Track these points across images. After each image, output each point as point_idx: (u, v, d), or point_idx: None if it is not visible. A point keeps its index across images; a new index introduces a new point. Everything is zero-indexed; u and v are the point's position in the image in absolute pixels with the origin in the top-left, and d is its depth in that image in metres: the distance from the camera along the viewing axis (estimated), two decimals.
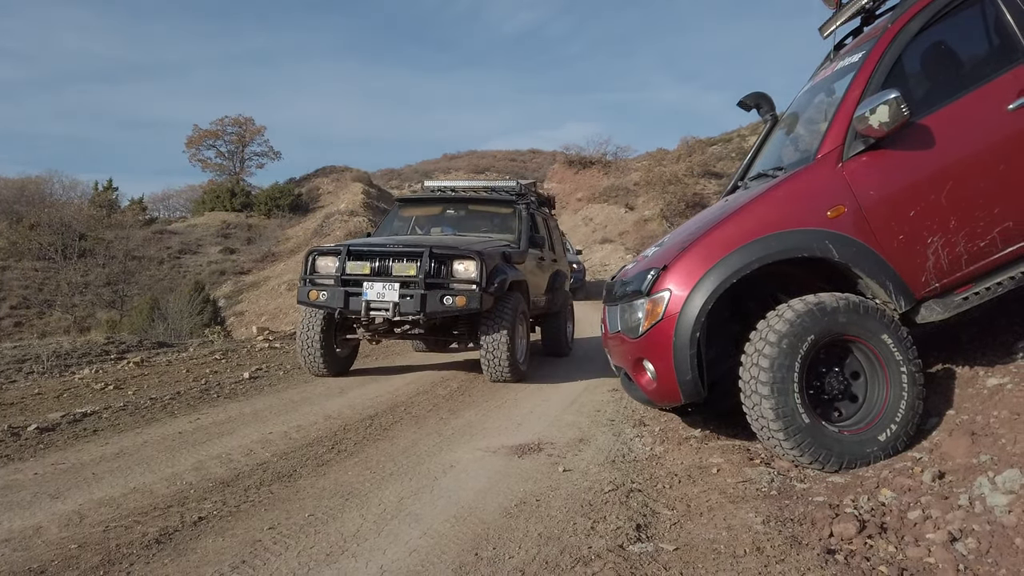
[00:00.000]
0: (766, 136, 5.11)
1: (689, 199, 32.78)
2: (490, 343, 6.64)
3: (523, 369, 7.05)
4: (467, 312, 6.52)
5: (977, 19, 3.92)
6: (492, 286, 6.55)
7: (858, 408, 3.63)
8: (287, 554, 2.77)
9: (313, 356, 7.14)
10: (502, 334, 6.60)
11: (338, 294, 6.63)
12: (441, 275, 6.53)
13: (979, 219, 3.59)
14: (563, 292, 9.57)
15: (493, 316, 6.69)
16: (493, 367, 6.68)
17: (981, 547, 2.50)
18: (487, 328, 6.65)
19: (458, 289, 6.47)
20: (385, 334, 7.15)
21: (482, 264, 6.48)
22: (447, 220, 8.72)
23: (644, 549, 2.75)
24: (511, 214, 8.47)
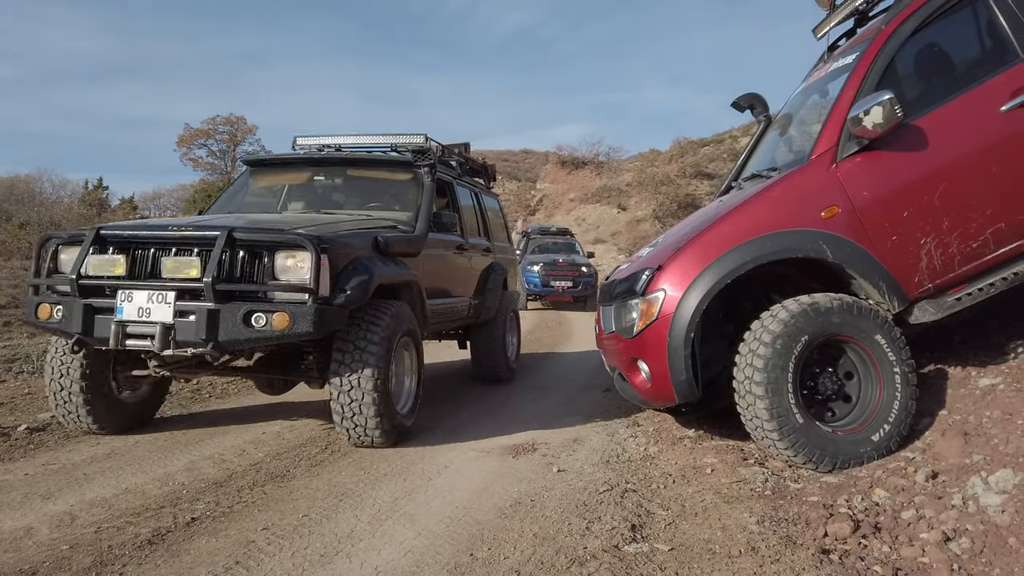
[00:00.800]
0: (760, 137, 5.13)
1: (681, 200, 32.83)
2: (343, 387, 4.12)
3: (407, 424, 4.59)
4: (292, 339, 3.92)
5: (970, 21, 3.94)
6: (342, 294, 4.04)
7: (852, 408, 3.65)
8: (281, 555, 2.75)
9: (72, 407, 4.51)
10: (363, 373, 4.09)
11: (76, 310, 4.04)
12: (250, 277, 3.98)
13: (972, 220, 3.60)
14: (501, 294, 7.24)
15: (348, 343, 4.18)
16: (351, 423, 4.17)
17: (975, 547, 2.51)
18: (339, 363, 4.16)
19: (279, 301, 3.95)
20: (195, 370, 4.62)
21: (319, 257, 3.90)
22: (317, 191, 6.11)
23: (639, 549, 2.75)
24: (410, 182, 5.82)
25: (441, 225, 5.62)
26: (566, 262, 17.25)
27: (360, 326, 4.25)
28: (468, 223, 6.77)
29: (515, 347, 7.80)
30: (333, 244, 4.12)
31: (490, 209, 7.81)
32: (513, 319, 7.72)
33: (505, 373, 7.03)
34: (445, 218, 5.64)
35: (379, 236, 4.68)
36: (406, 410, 4.63)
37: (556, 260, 17.24)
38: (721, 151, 38.46)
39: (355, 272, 4.21)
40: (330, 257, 4.03)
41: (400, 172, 5.97)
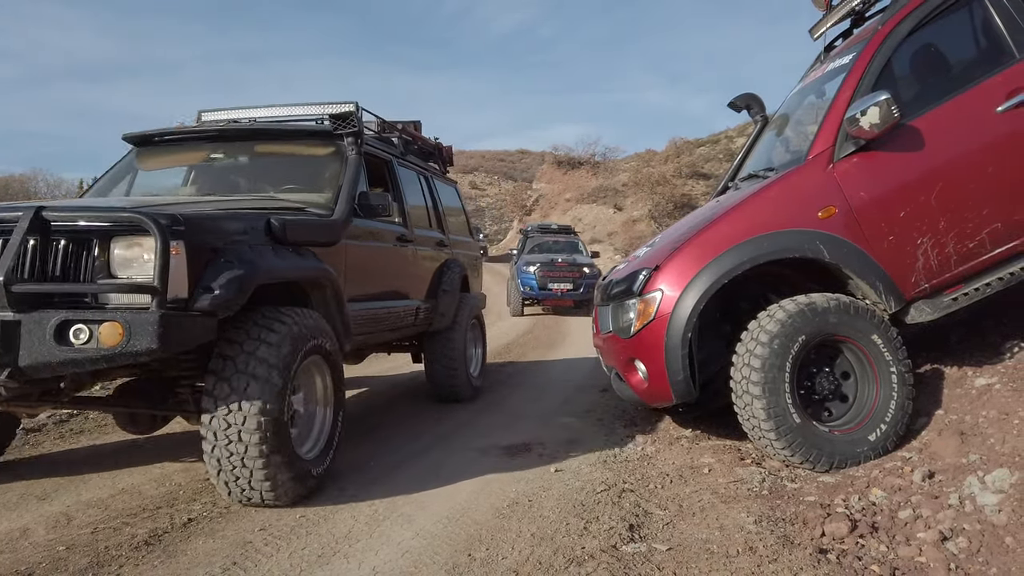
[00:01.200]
0: (756, 137, 5.13)
1: (677, 200, 32.86)
2: (217, 426, 3.07)
3: (317, 471, 3.47)
4: (130, 360, 2.88)
5: (966, 22, 3.95)
6: (206, 295, 2.98)
7: (848, 408, 3.65)
8: (278, 555, 2.75)
9: None
10: (245, 407, 3.05)
11: None
12: (75, 274, 2.95)
13: (968, 220, 3.61)
14: (459, 297, 6.14)
15: (226, 365, 3.13)
16: (230, 476, 3.12)
17: (972, 546, 2.52)
18: (211, 393, 3.11)
19: (113, 307, 2.90)
20: (34, 402, 3.38)
21: (167, 244, 2.87)
22: (218, 173, 4.89)
23: (637, 549, 2.75)
24: (331, 158, 4.62)
25: (370, 209, 4.37)
26: (566, 262, 15.24)
27: (242, 342, 3.15)
28: (414, 211, 5.62)
29: (479, 360, 6.74)
30: (193, 227, 3.04)
31: (446, 197, 6.68)
32: (476, 327, 6.71)
33: (466, 390, 5.98)
34: (374, 200, 4.37)
35: (273, 219, 3.49)
36: (314, 454, 3.52)
37: (555, 260, 15.24)
38: (717, 151, 38.51)
39: (227, 266, 3.05)
40: (188, 244, 2.94)
41: (318, 145, 4.76)
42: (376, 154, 5.11)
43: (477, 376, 6.42)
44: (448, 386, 5.88)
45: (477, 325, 6.73)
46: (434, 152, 6.82)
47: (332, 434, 3.69)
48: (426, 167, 6.32)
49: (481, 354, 6.89)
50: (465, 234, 7.13)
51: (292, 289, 3.71)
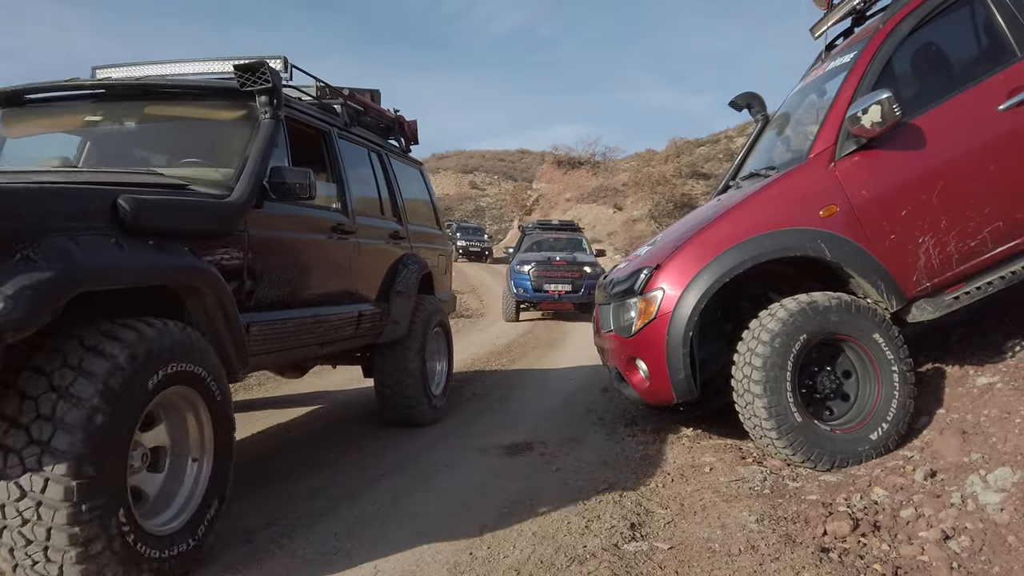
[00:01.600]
0: (757, 136, 5.13)
1: (677, 200, 32.87)
2: (10, 492, 2.06)
3: (175, 557, 2.44)
4: None
5: (967, 20, 3.95)
6: None
7: (850, 407, 3.65)
8: (280, 553, 2.74)
9: None
10: (53, 466, 2.05)
11: None
12: None
13: (970, 219, 3.61)
14: (418, 301, 5.06)
15: (26, 403, 2.13)
16: (28, 571, 2.14)
17: (974, 545, 2.51)
18: (4, 439, 2.10)
19: None
20: None
21: None
22: (101, 140, 3.82)
23: (639, 548, 2.74)
24: (240, 123, 3.56)
25: (285, 190, 3.31)
26: (564, 261, 13.62)
27: (52, 372, 2.17)
28: (361, 196, 4.60)
29: (442, 375, 5.59)
30: None
31: (406, 181, 5.56)
32: (440, 336, 5.57)
33: (424, 413, 4.90)
34: (291, 178, 3.31)
35: (122, 200, 2.44)
36: (176, 526, 2.51)
37: (552, 258, 13.66)
38: (717, 151, 38.52)
39: (26, 265, 2.06)
40: None
41: (223, 107, 3.63)
42: (308, 123, 4.05)
43: (440, 395, 5.36)
44: (401, 408, 4.80)
45: (442, 334, 5.59)
46: (392, 127, 5.60)
47: (208, 499, 2.65)
48: (381, 144, 5.21)
49: (445, 368, 5.65)
50: (431, 225, 6.01)
51: (166, 295, 2.72)
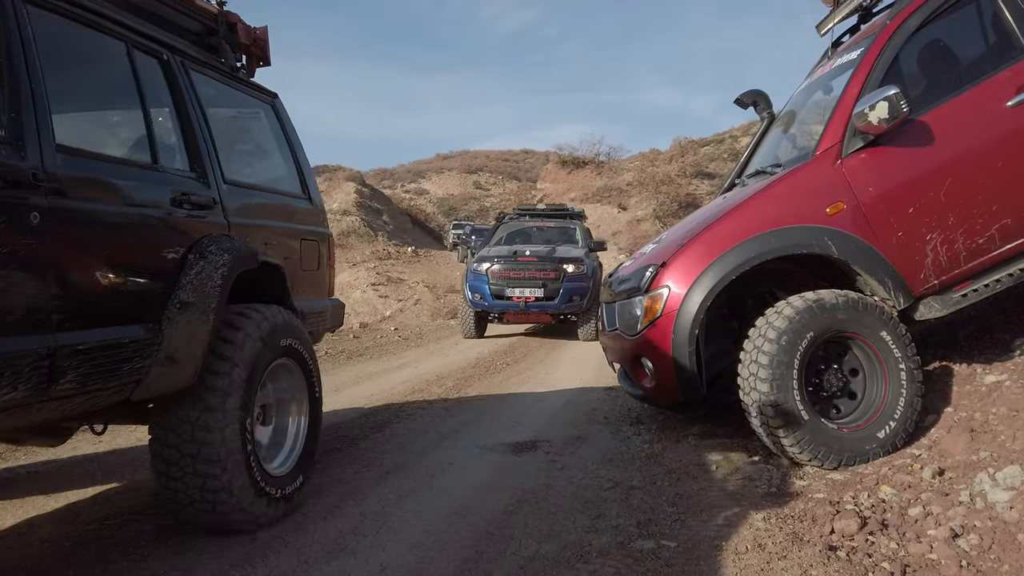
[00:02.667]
0: (763, 134, 5.11)
1: (682, 199, 32.89)
2: None
3: None
4: None
5: (975, 16, 3.93)
6: None
7: (857, 405, 3.63)
8: (286, 551, 2.74)
9: None
10: None
11: None
12: None
13: (978, 216, 3.59)
14: (212, 318, 2.81)
15: None
16: None
17: (983, 543, 2.50)
18: None
19: None
20: None
21: None
22: None
23: (646, 546, 2.73)
24: None
25: None
26: (536, 256, 10.31)
27: None
28: (93, 126, 3.19)
29: (296, 441, 3.39)
30: None
31: (232, 117, 3.93)
32: (291, 373, 3.38)
33: (246, 512, 2.88)
34: None
35: None
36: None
37: (519, 253, 10.44)
38: (721, 151, 38.50)
39: None
40: None
41: None
42: None
43: (289, 474, 3.21)
44: (194, 502, 2.78)
45: (295, 369, 3.36)
46: (214, 28, 3.58)
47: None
48: (165, 41, 3.14)
49: (304, 427, 3.41)
50: (290, 190, 4.01)
51: None
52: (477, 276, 10.18)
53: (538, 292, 9.88)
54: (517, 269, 10.04)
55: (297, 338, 3.32)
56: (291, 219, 3.90)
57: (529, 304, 9.89)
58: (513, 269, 10.04)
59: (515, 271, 10.03)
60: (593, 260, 10.82)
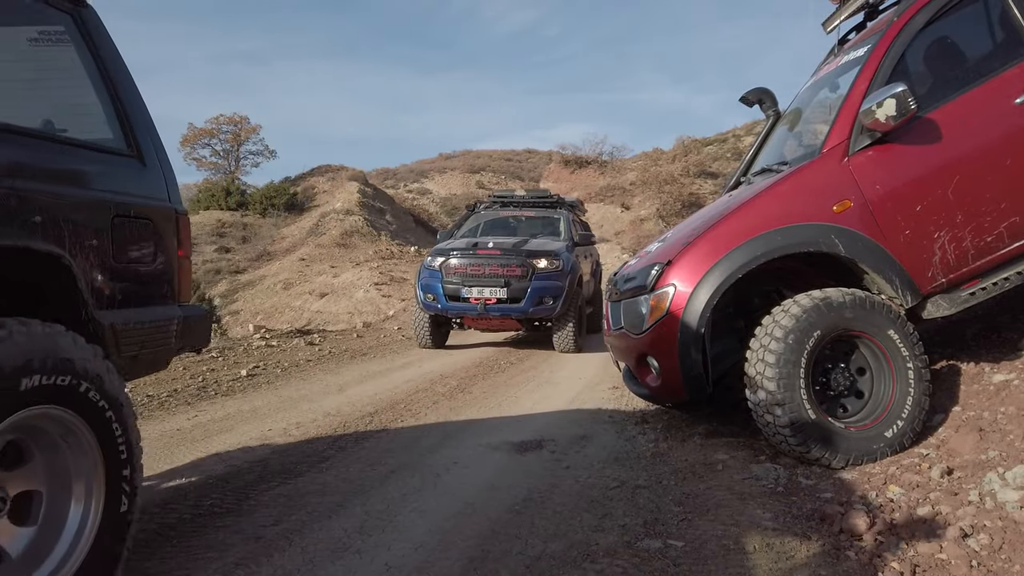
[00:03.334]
0: (769, 131, 5.08)
1: (685, 199, 32.81)
2: None
3: None
4: None
5: (982, 13, 3.90)
6: None
7: (864, 404, 3.61)
8: (291, 550, 2.73)
9: None
10: None
11: None
12: None
13: (986, 214, 3.56)
14: None
15: None
16: None
17: (993, 543, 2.48)
18: None
19: None
20: None
21: None
22: None
23: (653, 545, 2.71)
24: None
25: None
26: (501, 248, 8.75)
27: None
28: None
29: (68, 557, 2.06)
30: None
31: None
32: (75, 438, 2.12)
33: None
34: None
35: None
36: None
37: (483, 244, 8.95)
38: (725, 150, 38.43)
39: None
40: None
41: None
42: None
43: None
44: None
45: (74, 428, 2.11)
46: None
47: None
48: None
49: (93, 524, 2.15)
50: (96, 141, 2.74)
51: None
52: (431, 273, 8.64)
53: (500, 292, 8.31)
54: (476, 264, 8.45)
55: (78, 375, 2.07)
56: (92, 183, 2.55)
57: (489, 307, 8.23)
58: (472, 264, 8.47)
59: (474, 266, 8.45)
60: (575, 256, 9.14)
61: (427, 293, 8.60)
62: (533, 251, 8.65)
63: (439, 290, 8.47)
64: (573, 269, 8.92)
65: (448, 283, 8.48)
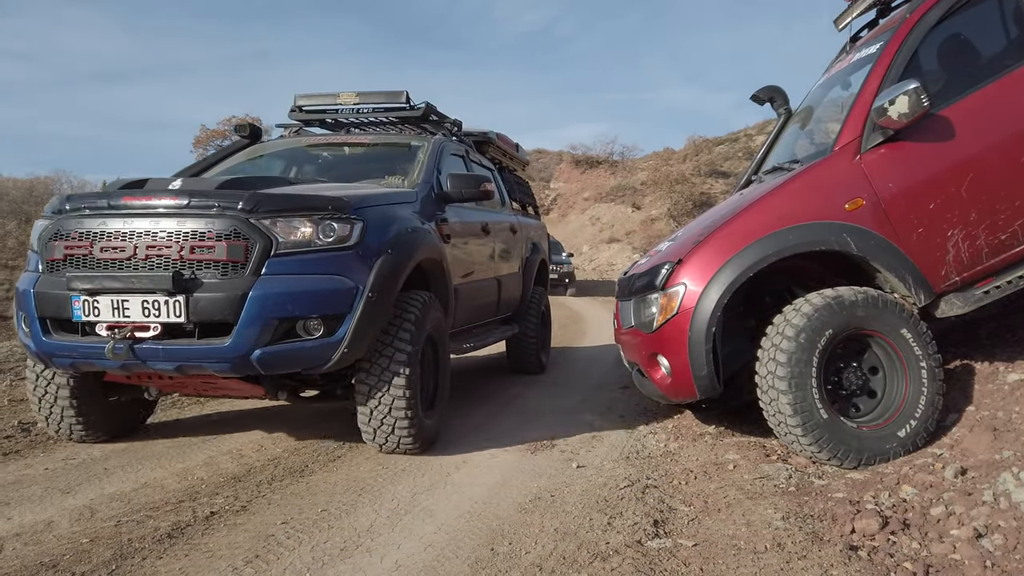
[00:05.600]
0: (780, 130, 5.06)
1: (696, 198, 32.74)
2: None
3: None
4: None
5: (995, 9, 3.87)
6: None
7: (877, 403, 3.58)
8: (300, 548, 2.73)
9: None
10: None
11: None
12: None
13: (1000, 212, 3.54)
14: None
15: None
16: None
17: (1008, 543, 2.45)
18: None
19: None
20: None
21: None
22: None
23: (662, 545, 2.70)
24: None
25: None
26: (188, 190, 3.50)
27: None
28: None
29: None
30: None
31: None
32: None
33: None
34: None
35: None
36: None
37: (153, 188, 3.61)
38: (736, 149, 38.30)
39: None
40: None
41: None
42: None
43: None
44: None
45: None
46: None
47: None
48: None
49: None
50: None
51: None
52: (28, 266, 3.87)
53: (166, 307, 3.37)
54: (111, 236, 3.48)
55: None
56: None
57: (142, 347, 3.38)
58: (98, 235, 3.49)
59: (105, 240, 3.48)
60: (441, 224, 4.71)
61: (20, 311, 3.76)
62: (275, 197, 3.60)
63: (31, 307, 3.62)
64: (404, 246, 3.99)
65: (45, 288, 3.59)
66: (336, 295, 3.53)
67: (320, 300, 3.50)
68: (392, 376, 3.73)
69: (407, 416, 3.78)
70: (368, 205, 3.87)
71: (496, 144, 7.07)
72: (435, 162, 5.18)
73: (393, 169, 5.22)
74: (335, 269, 3.57)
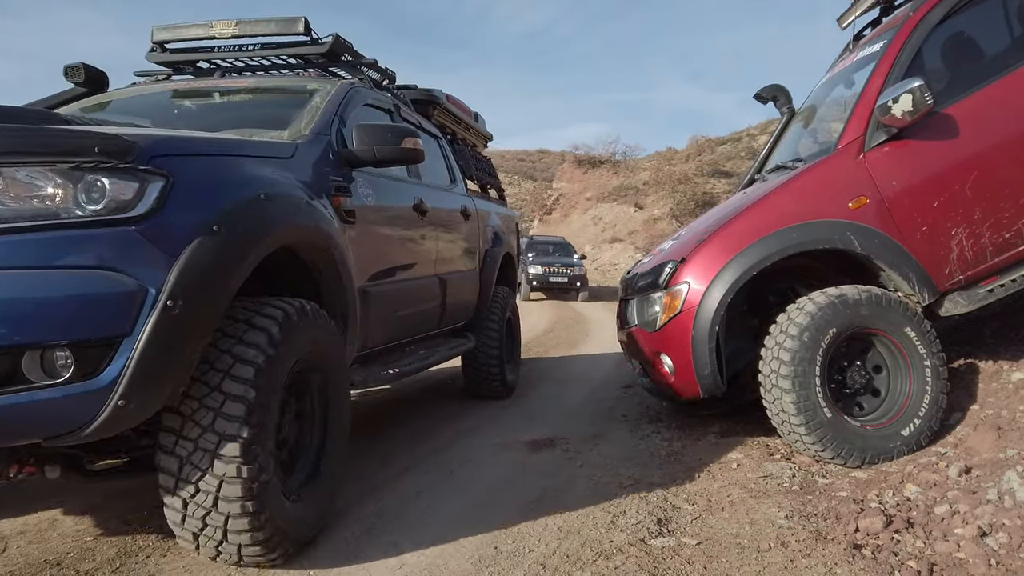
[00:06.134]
0: (783, 128, 5.06)
1: (699, 198, 32.71)
2: None
3: None
4: None
5: (999, 8, 3.87)
6: None
7: (880, 402, 3.58)
8: (304, 546, 2.73)
9: None
10: None
11: None
12: None
13: (1004, 210, 3.53)
14: None
15: None
16: None
17: (1012, 542, 2.44)
18: None
19: None
20: None
21: None
22: None
23: (666, 543, 2.70)
24: None
25: None
26: None
27: None
28: None
29: None
30: None
31: None
32: None
33: None
34: None
35: None
36: None
37: None
38: (739, 149, 38.27)
39: None
40: None
41: None
42: None
43: None
44: None
45: None
46: None
47: None
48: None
49: None
50: None
51: None
52: None
53: None
54: None
55: None
56: None
57: None
58: None
59: None
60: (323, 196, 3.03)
61: None
62: None
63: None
64: (248, 222, 2.37)
65: None
66: (102, 304, 1.95)
67: (70, 314, 1.91)
68: (219, 441, 2.20)
69: (246, 510, 2.24)
70: (179, 153, 2.30)
71: (444, 107, 5.49)
72: (337, 110, 3.59)
73: (282, 124, 3.40)
74: (102, 259, 1.97)
